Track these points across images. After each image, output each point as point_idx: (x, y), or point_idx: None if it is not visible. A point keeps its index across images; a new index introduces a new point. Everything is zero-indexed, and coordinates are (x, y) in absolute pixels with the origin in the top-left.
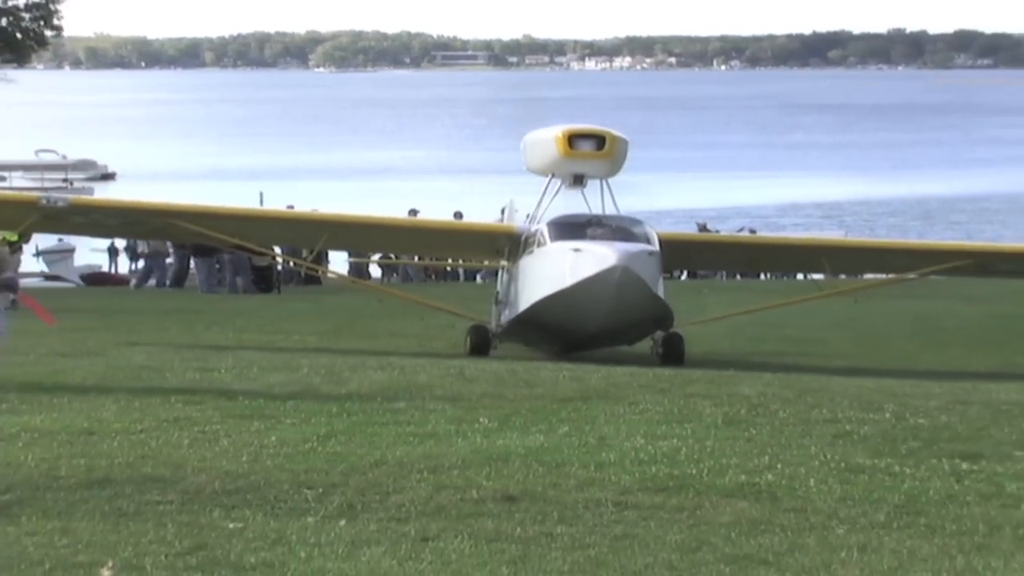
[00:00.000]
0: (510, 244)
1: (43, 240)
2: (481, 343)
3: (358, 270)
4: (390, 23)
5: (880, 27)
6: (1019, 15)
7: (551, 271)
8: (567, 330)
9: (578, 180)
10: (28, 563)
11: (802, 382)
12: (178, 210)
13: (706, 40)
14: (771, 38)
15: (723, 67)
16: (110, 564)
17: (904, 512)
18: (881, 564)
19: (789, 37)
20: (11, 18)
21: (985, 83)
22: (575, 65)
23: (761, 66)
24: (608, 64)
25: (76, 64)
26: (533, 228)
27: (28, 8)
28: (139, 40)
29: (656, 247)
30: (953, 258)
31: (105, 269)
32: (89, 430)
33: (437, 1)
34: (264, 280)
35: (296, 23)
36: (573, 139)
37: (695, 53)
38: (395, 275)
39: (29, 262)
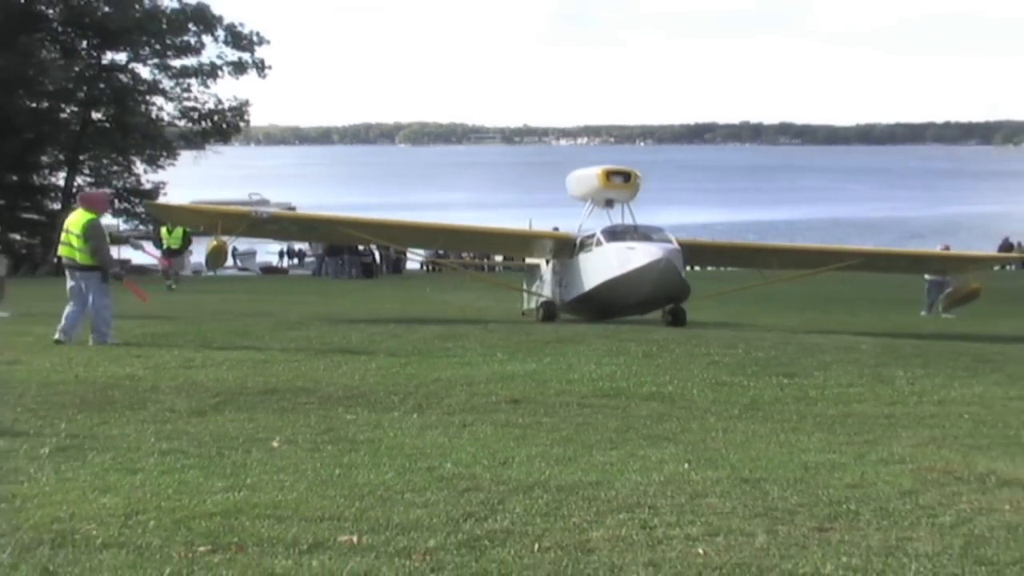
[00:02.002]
0: (567, 246)
1: (238, 243)
2: (550, 313)
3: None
4: (444, 115)
5: (734, 119)
6: (819, 111)
7: (612, 262)
8: (622, 302)
9: (609, 203)
10: (229, 438)
11: (692, 331)
12: (337, 220)
13: (632, 127)
14: (670, 126)
15: (642, 144)
16: (277, 439)
17: (749, 408)
18: (735, 439)
19: (681, 125)
20: (220, 115)
21: (797, 154)
22: (554, 142)
23: (664, 143)
24: (574, 142)
25: (257, 142)
26: (587, 234)
27: (230, 110)
28: (294, 127)
29: (679, 247)
30: (852, 257)
31: (275, 263)
32: (264, 360)
33: (472, 101)
34: (367, 271)
35: (387, 116)
36: (610, 175)
37: (625, 135)
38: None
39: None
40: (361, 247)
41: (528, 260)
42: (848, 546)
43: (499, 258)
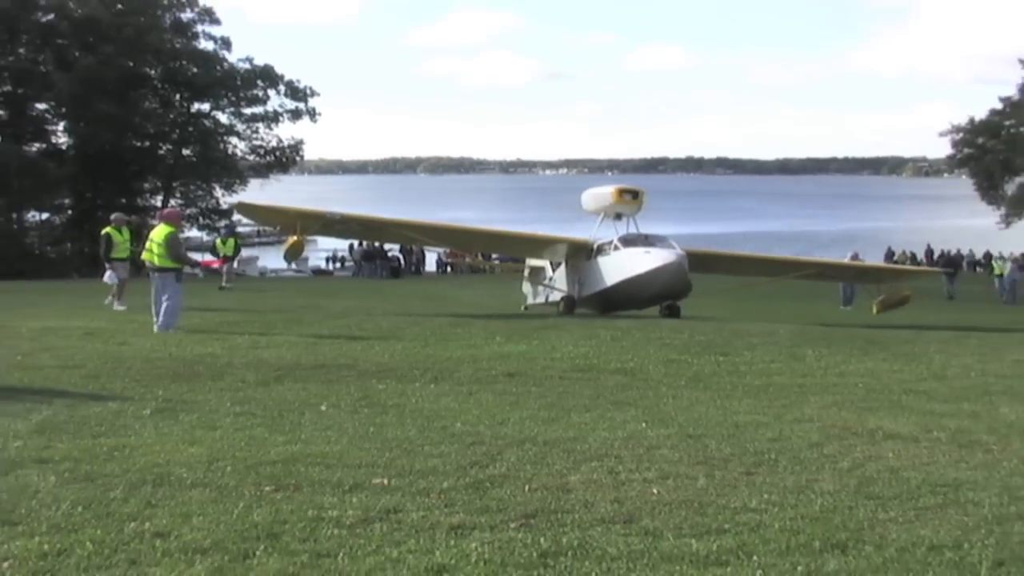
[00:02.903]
0: (584, 250)
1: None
2: (570, 307)
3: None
4: (455, 150)
5: (681, 154)
6: (748, 148)
7: (631, 264)
8: (638, 296)
9: (618, 216)
10: (286, 402)
11: (649, 320)
12: (395, 222)
13: (602, 160)
14: (631, 159)
15: (609, 173)
16: (325, 404)
17: (693, 380)
18: (682, 404)
19: (640, 159)
20: (280, 151)
21: (731, 182)
22: (541, 172)
23: (627, 173)
24: (556, 172)
25: (309, 172)
26: (604, 241)
27: (288, 147)
28: (338, 160)
29: (685, 252)
30: (811, 267)
31: (324, 267)
32: (314, 342)
33: (477, 139)
34: (394, 272)
35: (411, 151)
36: (622, 192)
37: (596, 167)
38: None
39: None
40: (389, 253)
41: (531, 262)
42: (769, 486)
43: (496, 259)
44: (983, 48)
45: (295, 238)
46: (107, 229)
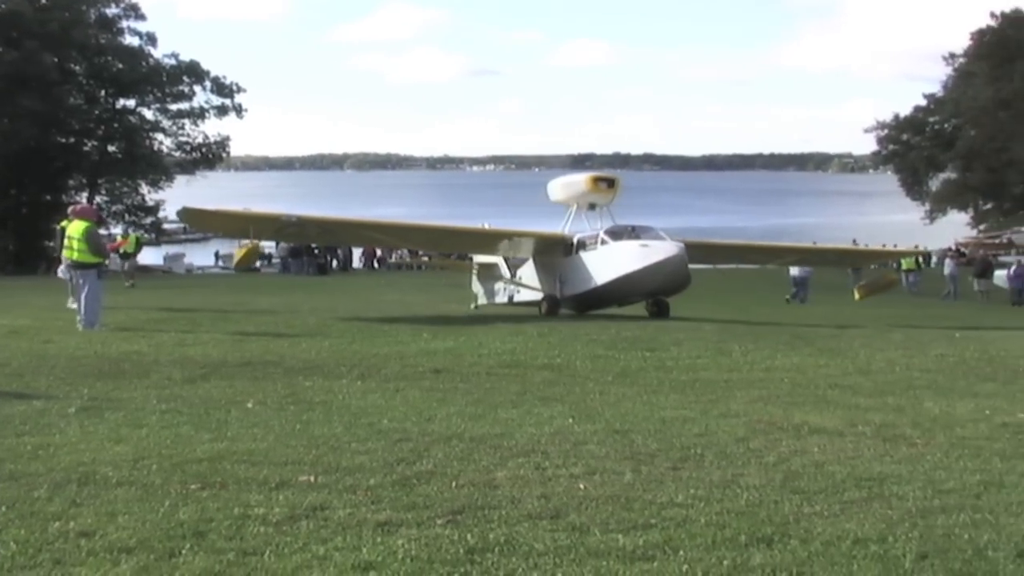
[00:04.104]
0: (560, 246)
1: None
2: (553, 307)
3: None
4: (381, 146)
5: (608, 150)
6: (674, 144)
7: (627, 259)
8: (637, 292)
9: (592, 206)
10: (212, 399)
11: (574, 316)
12: (355, 223)
13: (529, 156)
14: (558, 155)
15: (536, 170)
16: (251, 401)
17: (620, 375)
18: (609, 399)
19: (567, 155)
20: (206, 148)
21: (658, 178)
22: (468, 169)
23: (554, 169)
24: (483, 168)
25: (235, 169)
26: (587, 235)
27: (214, 143)
28: (264, 156)
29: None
30: (792, 253)
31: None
32: (241, 339)
33: (404, 135)
34: (321, 269)
35: (337, 147)
36: (596, 180)
37: (523, 163)
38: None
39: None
40: (316, 250)
41: (480, 259)
42: (695, 480)
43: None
44: (909, 45)
45: (249, 245)
46: (63, 223)
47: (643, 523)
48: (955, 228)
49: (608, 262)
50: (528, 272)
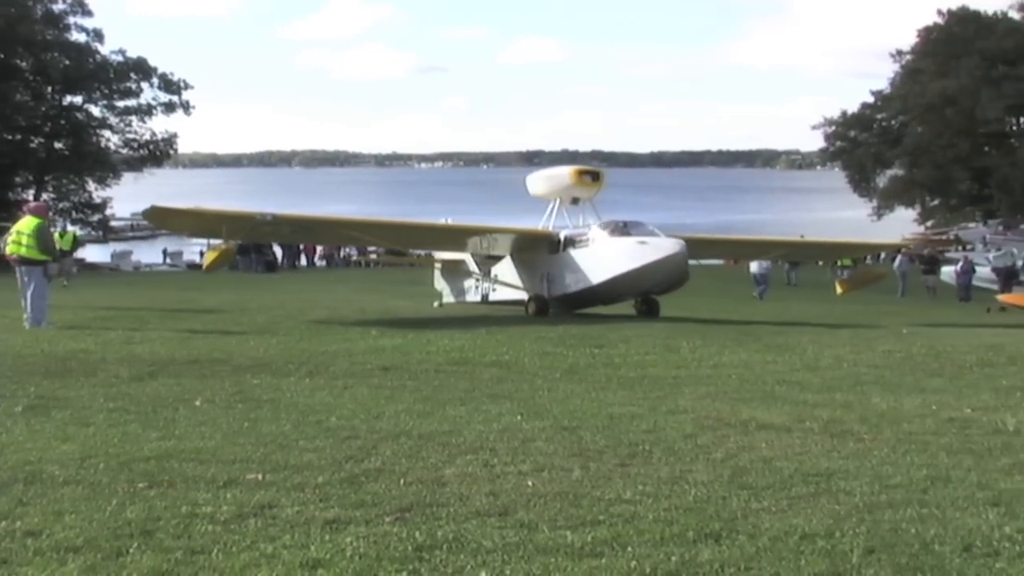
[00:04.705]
0: (544, 243)
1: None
2: (542, 308)
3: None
4: (330, 143)
5: (557, 147)
6: (622, 141)
7: (625, 257)
8: (631, 292)
9: (575, 201)
10: (160, 397)
11: (523, 315)
12: (332, 220)
13: (477, 153)
14: (507, 152)
15: (485, 167)
16: (199, 399)
17: (568, 372)
18: (557, 396)
19: (515, 152)
20: (154, 145)
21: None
22: (417, 166)
23: (502, 166)
24: (432, 165)
25: (183, 166)
26: (576, 231)
27: (162, 140)
28: (212, 154)
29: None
30: (781, 247)
31: (199, 261)
32: (189, 337)
33: (352, 132)
34: (270, 266)
35: (286, 144)
36: (581, 174)
37: (472, 160)
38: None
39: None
40: (263, 247)
41: (444, 256)
42: (643, 477)
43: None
44: (856, 42)
45: (222, 247)
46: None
47: (591, 519)
48: (902, 225)
49: (604, 260)
50: (506, 270)
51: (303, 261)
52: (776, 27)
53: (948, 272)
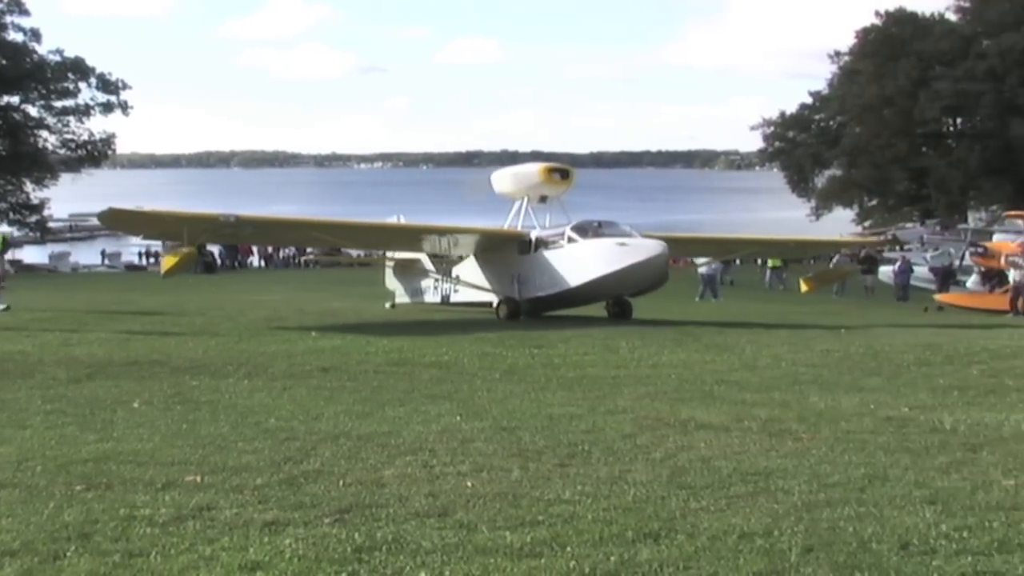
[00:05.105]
0: (513, 243)
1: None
2: (513, 310)
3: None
4: (269, 143)
5: (496, 147)
6: (562, 141)
7: (604, 258)
8: (608, 294)
9: (543, 199)
10: (98, 399)
11: (463, 314)
12: (298, 222)
13: (417, 154)
14: (446, 153)
15: (424, 167)
16: (137, 401)
17: (508, 372)
18: (497, 396)
19: (455, 152)
20: (92, 145)
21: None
22: (356, 166)
23: (442, 166)
24: (371, 165)
25: (122, 166)
26: (551, 232)
27: (100, 141)
28: (151, 154)
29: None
30: (751, 245)
31: (137, 262)
32: (127, 338)
33: (291, 132)
34: (208, 267)
35: (224, 144)
36: (551, 171)
37: (411, 160)
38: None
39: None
40: (202, 249)
41: (397, 255)
42: (583, 477)
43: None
44: (795, 43)
45: (183, 250)
46: None
47: (530, 520)
48: (840, 225)
49: (582, 262)
50: (469, 271)
51: (257, 261)
52: (715, 28)
53: (886, 272)
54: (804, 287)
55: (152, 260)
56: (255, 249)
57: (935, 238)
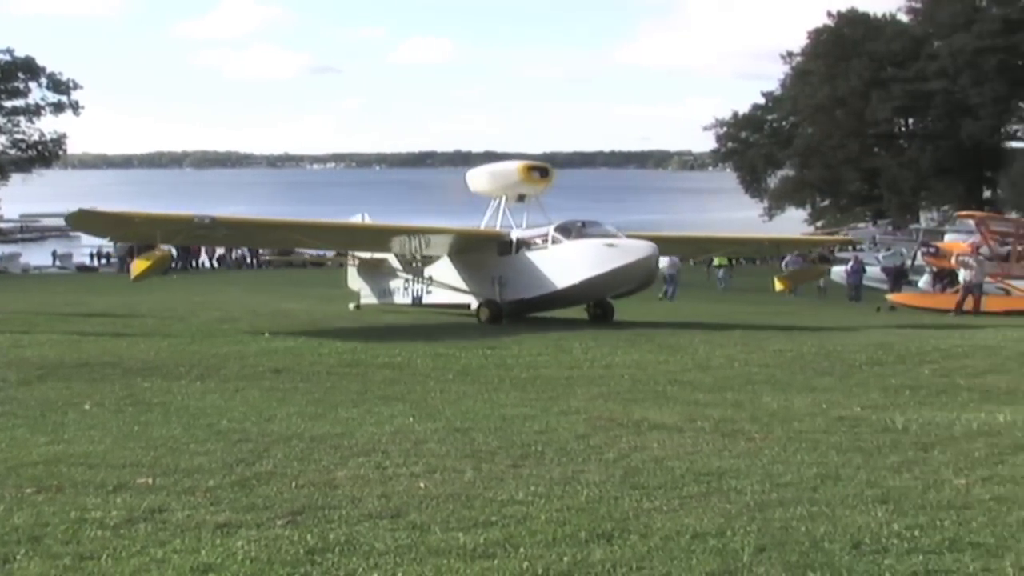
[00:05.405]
0: (492, 244)
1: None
2: (495, 313)
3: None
4: (221, 144)
5: (449, 148)
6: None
7: (591, 260)
8: (595, 295)
9: (521, 198)
10: (49, 401)
11: (417, 314)
12: (277, 224)
13: (370, 154)
14: (399, 153)
15: (377, 168)
16: (89, 403)
17: (461, 373)
18: (450, 397)
19: (408, 153)
20: (43, 146)
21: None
22: (309, 167)
23: (395, 167)
24: (324, 166)
25: (73, 167)
26: (534, 232)
27: (51, 141)
28: (102, 155)
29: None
30: (727, 244)
31: (88, 263)
32: (78, 340)
33: (243, 132)
34: None
35: (177, 145)
36: (530, 170)
37: (364, 161)
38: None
39: None
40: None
41: (361, 255)
42: (536, 478)
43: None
44: (747, 44)
45: (156, 253)
46: None
47: (484, 521)
48: (793, 225)
49: (568, 263)
50: (444, 272)
51: (208, 262)
52: (668, 28)
53: (839, 272)
54: (779, 286)
55: (104, 261)
56: (203, 249)
57: (887, 238)
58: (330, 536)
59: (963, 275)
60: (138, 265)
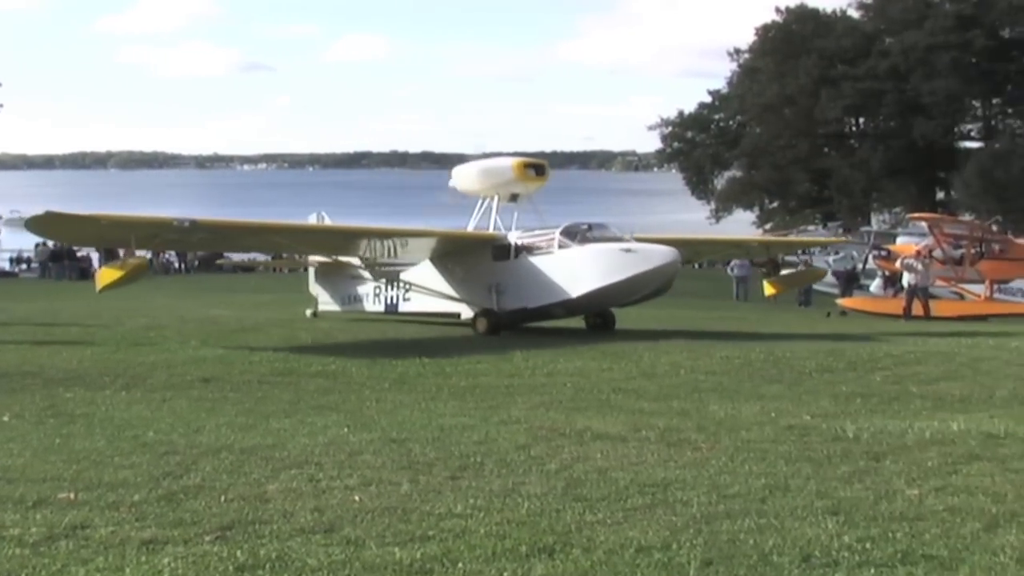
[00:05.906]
0: (488, 248)
1: None
2: (494, 324)
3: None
4: (148, 144)
5: (385, 148)
6: (452, 142)
7: (607, 266)
8: (609, 303)
9: (514, 197)
10: None
11: (354, 322)
12: (262, 227)
13: (302, 155)
14: (333, 154)
15: (310, 168)
16: (7, 414)
17: (397, 382)
18: (386, 407)
19: (342, 153)
20: None
21: (437, 176)
22: (239, 167)
23: (329, 168)
24: (255, 167)
25: None
26: (538, 235)
27: None
28: (22, 155)
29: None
30: (714, 246)
31: (7, 268)
32: None
33: (171, 132)
34: (83, 273)
35: (101, 145)
36: (526, 167)
37: (297, 161)
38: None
39: None
40: (79, 253)
41: (320, 258)
42: (475, 490)
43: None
44: (693, 40)
45: (132, 261)
46: None
47: (421, 535)
48: (741, 227)
49: (581, 270)
50: (425, 277)
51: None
52: (610, 25)
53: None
54: (770, 290)
55: (24, 267)
56: (121, 253)
57: (884, 236)
58: (261, 552)
59: (907, 279)
60: (107, 275)
